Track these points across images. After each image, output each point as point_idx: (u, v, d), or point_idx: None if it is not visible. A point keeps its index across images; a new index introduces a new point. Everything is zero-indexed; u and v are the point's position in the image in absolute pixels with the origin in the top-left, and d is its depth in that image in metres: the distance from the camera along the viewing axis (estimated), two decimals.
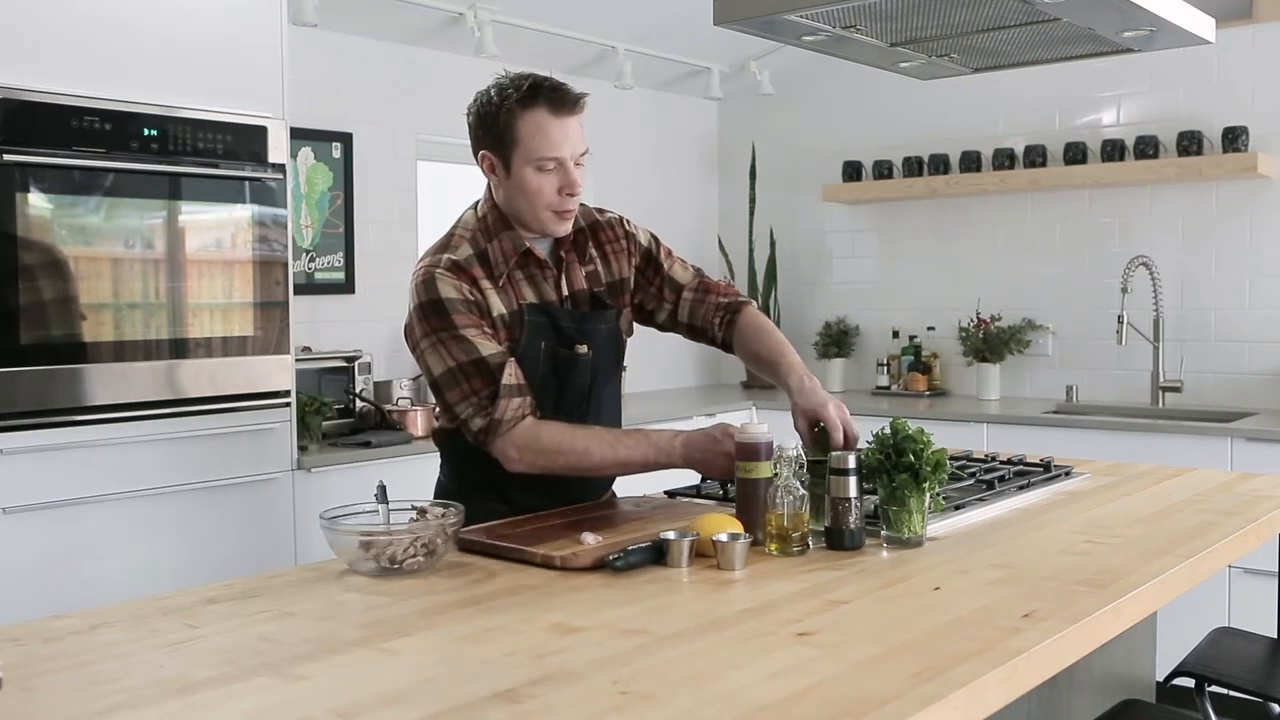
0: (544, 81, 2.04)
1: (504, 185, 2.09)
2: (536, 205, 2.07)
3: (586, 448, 2.02)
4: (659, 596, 1.60)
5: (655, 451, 2.01)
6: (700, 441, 2.00)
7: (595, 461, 2.03)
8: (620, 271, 2.25)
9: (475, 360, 2.01)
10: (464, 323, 2.02)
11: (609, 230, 2.26)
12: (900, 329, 4.97)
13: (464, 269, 2.06)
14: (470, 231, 2.13)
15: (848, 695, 1.18)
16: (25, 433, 2.69)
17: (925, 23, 2.39)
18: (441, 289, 2.03)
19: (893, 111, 4.97)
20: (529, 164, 2.03)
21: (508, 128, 2.03)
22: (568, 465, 2.04)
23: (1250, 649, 2.53)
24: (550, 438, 2.03)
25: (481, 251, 2.10)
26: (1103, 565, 1.73)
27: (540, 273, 2.14)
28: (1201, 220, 4.30)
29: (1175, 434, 3.74)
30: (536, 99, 2.02)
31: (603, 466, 2.05)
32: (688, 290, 2.31)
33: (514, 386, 2.02)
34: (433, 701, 1.19)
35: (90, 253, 2.81)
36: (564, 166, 2.04)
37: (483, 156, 2.10)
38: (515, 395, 2.02)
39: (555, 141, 2.02)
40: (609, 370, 2.23)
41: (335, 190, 4.06)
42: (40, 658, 1.36)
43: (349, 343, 3.97)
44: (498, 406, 2.01)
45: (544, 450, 2.02)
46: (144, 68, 2.91)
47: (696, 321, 2.31)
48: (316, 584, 1.70)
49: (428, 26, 4.16)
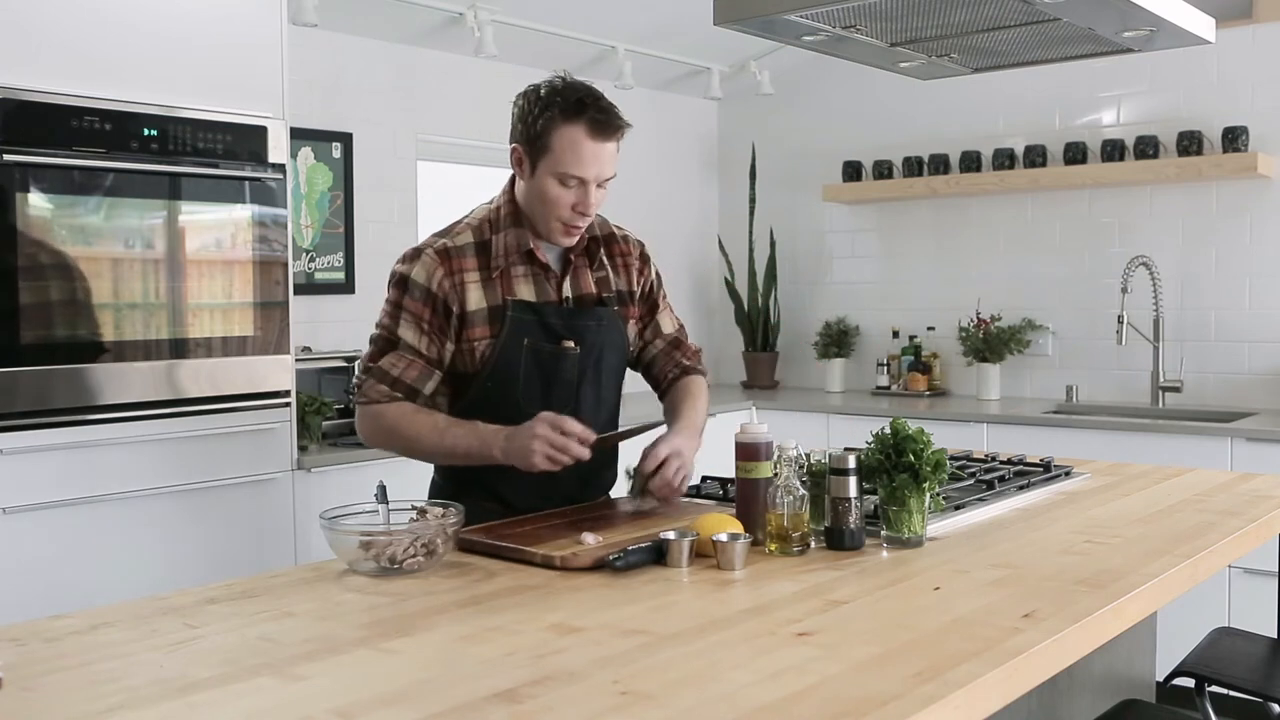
0: (594, 101, 2.05)
1: (526, 182, 2.11)
2: (549, 214, 2.09)
3: (418, 435, 2.09)
4: (659, 596, 1.60)
5: (479, 443, 2.04)
6: (517, 431, 1.99)
7: (425, 448, 2.11)
8: (630, 284, 2.28)
9: (389, 337, 2.11)
10: (409, 306, 2.10)
11: (624, 245, 2.29)
12: (900, 329, 4.97)
13: (451, 257, 2.10)
14: (479, 221, 2.16)
15: (848, 695, 1.19)
16: (25, 433, 2.69)
17: (925, 23, 2.39)
18: (416, 270, 2.10)
19: (893, 111, 4.97)
20: (553, 175, 2.05)
21: (544, 133, 2.04)
22: (403, 449, 2.14)
23: (1250, 649, 2.53)
24: (389, 420, 2.10)
25: (484, 242, 2.13)
26: (1103, 565, 1.73)
27: (544, 272, 2.15)
28: (1201, 220, 4.30)
29: (1175, 434, 3.74)
30: (580, 116, 2.03)
31: (433, 453, 2.13)
32: (660, 340, 2.37)
33: (391, 377, 2.10)
34: (433, 701, 1.19)
35: (90, 253, 2.81)
36: (585, 186, 2.06)
37: (514, 149, 2.12)
38: (382, 381, 2.10)
39: (585, 162, 2.04)
40: (600, 368, 2.22)
41: (335, 190, 4.06)
42: (40, 658, 1.36)
43: (349, 343, 3.97)
44: (366, 381, 2.12)
45: (380, 429, 2.13)
46: (144, 68, 2.91)
47: (654, 369, 2.38)
48: (316, 584, 1.70)
49: (428, 26, 4.16)
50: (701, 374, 2.39)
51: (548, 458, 1.95)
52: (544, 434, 1.94)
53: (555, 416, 1.98)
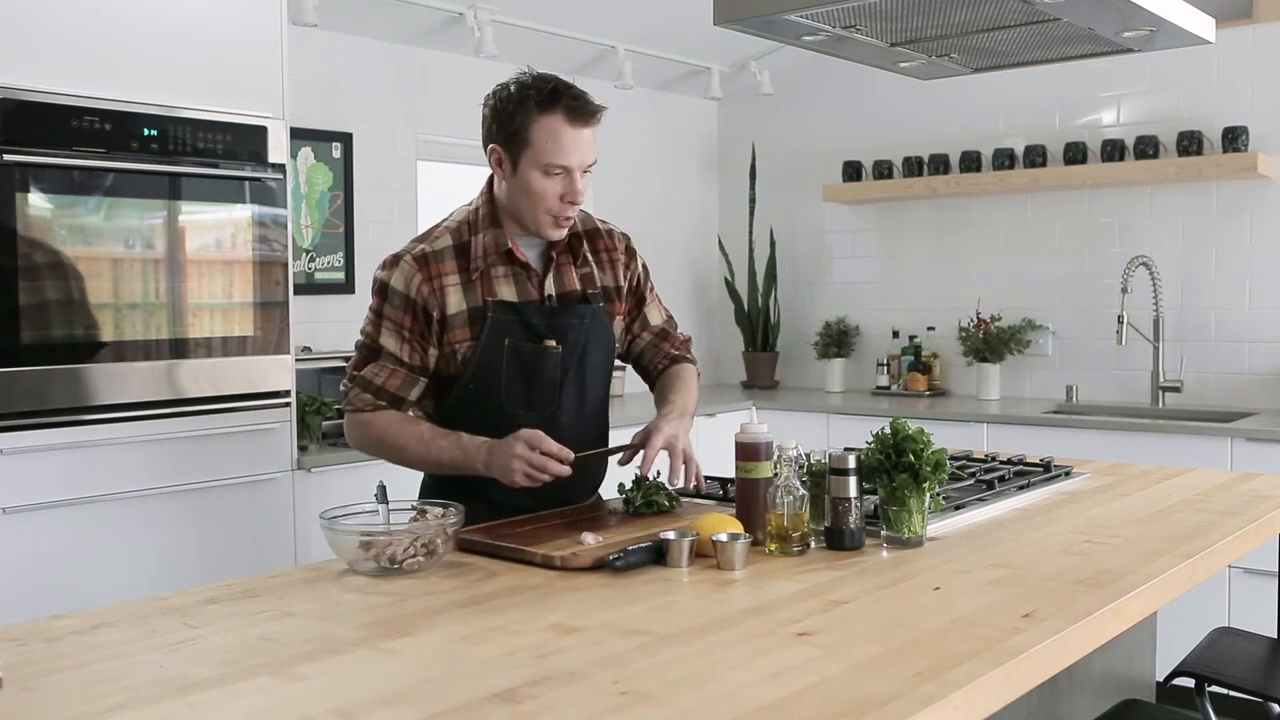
0: (566, 88, 2.05)
1: (508, 181, 2.10)
2: (537, 209, 2.08)
3: (404, 445, 2.11)
4: (659, 596, 1.60)
5: (463, 455, 2.05)
6: (498, 447, 2.00)
7: (411, 458, 2.13)
8: (616, 279, 2.27)
9: (372, 345, 2.13)
10: (390, 314, 2.12)
11: (608, 239, 2.28)
12: (900, 329, 4.97)
13: (429, 263, 2.11)
14: (457, 224, 2.16)
15: (848, 695, 1.19)
16: (25, 433, 2.69)
17: (925, 23, 2.39)
18: (395, 277, 2.12)
19: (893, 111, 4.97)
20: (537, 167, 2.05)
21: (522, 128, 2.04)
22: (389, 457, 2.15)
23: (1250, 649, 2.53)
24: (376, 429, 2.12)
25: (462, 244, 2.13)
26: (1103, 565, 1.73)
27: (524, 272, 2.15)
28: (1201, 220, 4.30)
29: (1175, 434, 3.74)
30: (556, 105, 2.03)
31: (418, 463, 2.14)
32: (648, 333, 2.37)
33: (375, 386, 2.12)
34: (433, 701, 1.19)
35: (90, 253, 2.81)
36: (570, 175, 2.06)
37: (491, 150, 2.11)
38: (366, 390, 2.12)
39: (567, 150, 2.04)
40: (584, 365, 2.20)
41: (335, 190, 4.06)
42: (40, 658, 1.36)
43: (349, 343, 3.91)
44: (351, 389, 2.14)
45: (368, 438, 2.14)
46: (144, 68, 2.91)
47: (644, 361, 2.39)
48: (316, 584, 1.70)
49: (428, 26, 4.16)
50: (690, 362, 2.39)
51: (527, 475, 1.96)
52: (522, 454, 1.95)
53: (533, 434, 1.98)
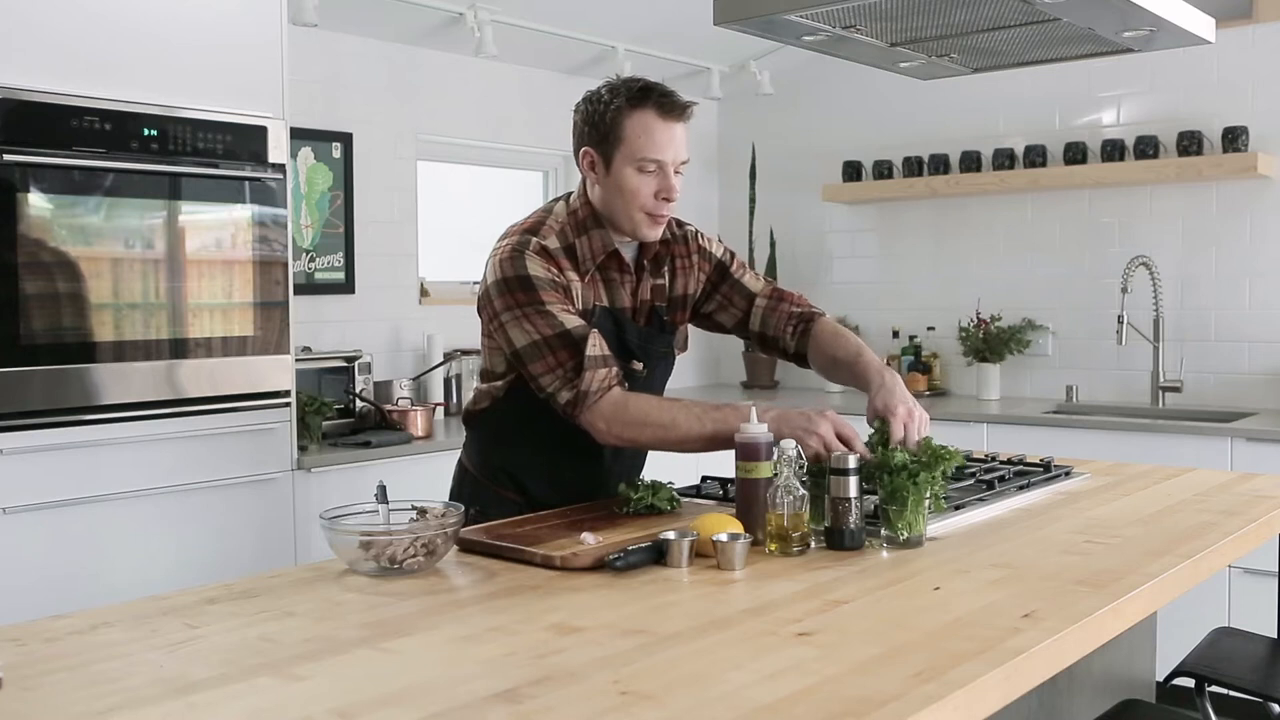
0: (655, 86, 2.07)
1: (601, 183, 2.10)
2: (631, 206, 2.08)
3: (674, 419, 1.99)
4: (659, 596, 1.60)
5: (739, 418, 1.93)
6: (794, 419, 1.92)
7: (681, 434, 1.99)
8: (685, 288, 2.28)
9: (560, 333, 2.01)
10: (549, 299, 2.03)
11: (683, 246, 2.28)
12: (900, 329, 4.97)
13: (552, 257, 2.07)
14: (560, 224, 2.13)
15: (848, 695, 1.18)
16: (26, 432, 2.69)
17: (925, 23, 2.39)
18: (530, 266, 2.04)
19: (893, 111, 4.97)
20: (630, 163, 2.05)
21: (614, 125, 2.05)
22: (655, 437, 2.02)
23: (1250, 649, 2.52)
24: (637, 409, 2.01)
25: (569, 245, 2.11)
26: (1103, 565, 1.73)
27: (620, 276, 2.15)
28: (1201, 220, 4.30)
29: (1175, 434, 3.74)
30: (646, 101, 2.04)
31: (688, 439, 1.99)
32: (760, 298, 2.32)
33: (599, 358, 2.01)
34: (433, 701, 1.19)
35: (90, 253, 2.81)
36: (664, 170, 2.06)
37: (584, 153, 2.11)
38: (600, 366, 2.01)
39: (660, 144, 2.04)
40: (649, 386, 2.23)
41: (335, 190, 4.06)
42: (40, 658, 1.36)
43: (349, 343, 3.97)
44: (583, 378, 2.00)
45: (631, 421, 2.01)
46: (144, 68, 2.91)
47: (769, 330, 2.31)
48: (316, 584, 1.70)
49: (428, 26, 4.16)
50: (821, 314, 2.32)
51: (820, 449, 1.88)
52: (826, 434, 1.89)
53: (840, 420, 1.92)
